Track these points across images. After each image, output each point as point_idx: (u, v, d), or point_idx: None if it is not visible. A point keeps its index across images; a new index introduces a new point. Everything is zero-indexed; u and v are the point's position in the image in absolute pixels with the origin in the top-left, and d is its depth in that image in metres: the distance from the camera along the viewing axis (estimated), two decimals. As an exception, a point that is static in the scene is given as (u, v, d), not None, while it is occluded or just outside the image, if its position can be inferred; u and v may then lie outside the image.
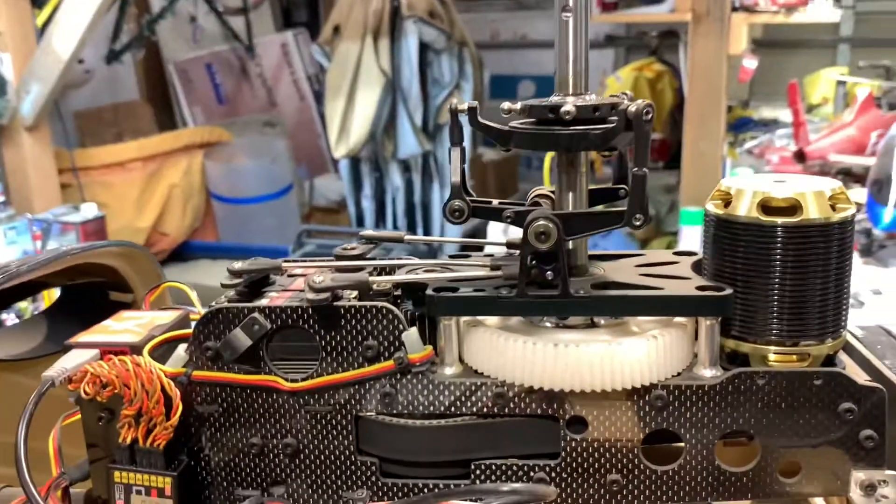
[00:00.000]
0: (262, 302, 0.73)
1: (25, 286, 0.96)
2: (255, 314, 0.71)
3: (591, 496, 0.70)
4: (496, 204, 0.75)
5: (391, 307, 0.71)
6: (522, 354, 0.68)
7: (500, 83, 5.92)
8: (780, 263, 0.66)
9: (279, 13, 6.04)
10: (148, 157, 4.38)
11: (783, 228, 0.66)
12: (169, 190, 4.48)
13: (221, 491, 0.75)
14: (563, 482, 0.70)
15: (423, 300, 0.72)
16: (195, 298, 0.90)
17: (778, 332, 0.68)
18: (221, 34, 5.39)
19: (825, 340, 0.69)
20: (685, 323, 0.71)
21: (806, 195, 0.66)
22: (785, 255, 0.66)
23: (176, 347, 0.75)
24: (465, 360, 0.73)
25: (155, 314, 0.82)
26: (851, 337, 0.77)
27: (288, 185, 4.87)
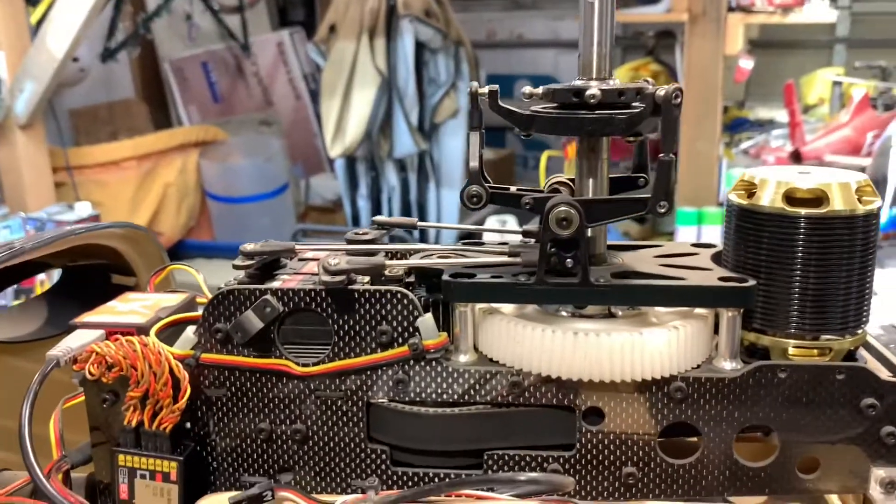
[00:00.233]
0: (274, 284, 0.72)
1: (28, 266, 0.95)
2: (267, 296, 0.70)
3: (605, 489, 0.70)
4: (514, 190, 0.74)
5: (407, 292, 0.69)
6: (540, 343, 0.67)
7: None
8: (803, 255, 0.66)
9: (275, 12, 6.01)
10: (143, 155, 4.34)
11: (808, 219, 0.65)
12: (164, 189, 4.44)
13: (228, 476, 0.74)
14: (577, 474, 0.69)
15: (437, 286, 0.71)
16: (202, 281, 0.88)
17: (799, 325, 0.67)
18: (217, 32, 5.35)
19: (847, 335, 0.68)
20: (706, 314, 0.70)
21: (832, 186, 0.65)
22: (809, 246, 0.65)
23: (182, 331, 0.74)
24: (479, 347, 0.72)
25: (161, 296, 0.81)
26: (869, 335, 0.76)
27: (284, 184, 4.84)
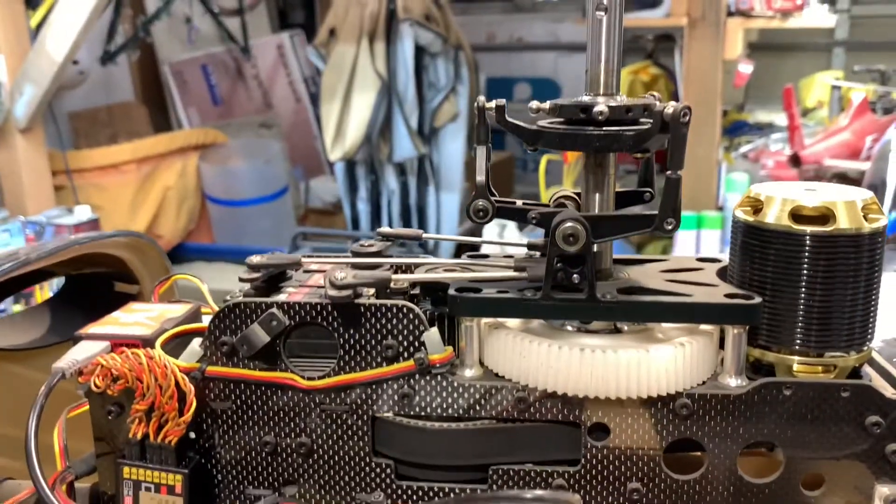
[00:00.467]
0: (280, 297, 0.72)
1: (32, 274, 0.95)
2: (273, 310, 0.70)
3: None
4: (520, 204, 0.74)
5: (413, 306, 0.69)
6: (546, 358, 0.67)
7: (495, 86, 5.93)
8: (809, 272, 0.66)
9: (275, 14, 6.01)
10: (142, 158, 4.34)
11: (813, 237, 0.65)
12: (163, 192, 4.44)
13: (232, 489, 0.74)
14: (582, 490, 0.69)
15: (442, 300, 0.71)
16: (206, 291, 0.88)
17: (805, 341, 0.67)
18: (217, 35, 5.35)
19: (852, 352, 0.68)
20: (711, 330, 0.70)
21: (837, 204, 0.65)
22: (815, 264, 0.65)
23: (187, 342, 0.74)
24: (485, 362, 0.72)
25: (165, 307, 0.81)
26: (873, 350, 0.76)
27: (283, 187, 4.84)
